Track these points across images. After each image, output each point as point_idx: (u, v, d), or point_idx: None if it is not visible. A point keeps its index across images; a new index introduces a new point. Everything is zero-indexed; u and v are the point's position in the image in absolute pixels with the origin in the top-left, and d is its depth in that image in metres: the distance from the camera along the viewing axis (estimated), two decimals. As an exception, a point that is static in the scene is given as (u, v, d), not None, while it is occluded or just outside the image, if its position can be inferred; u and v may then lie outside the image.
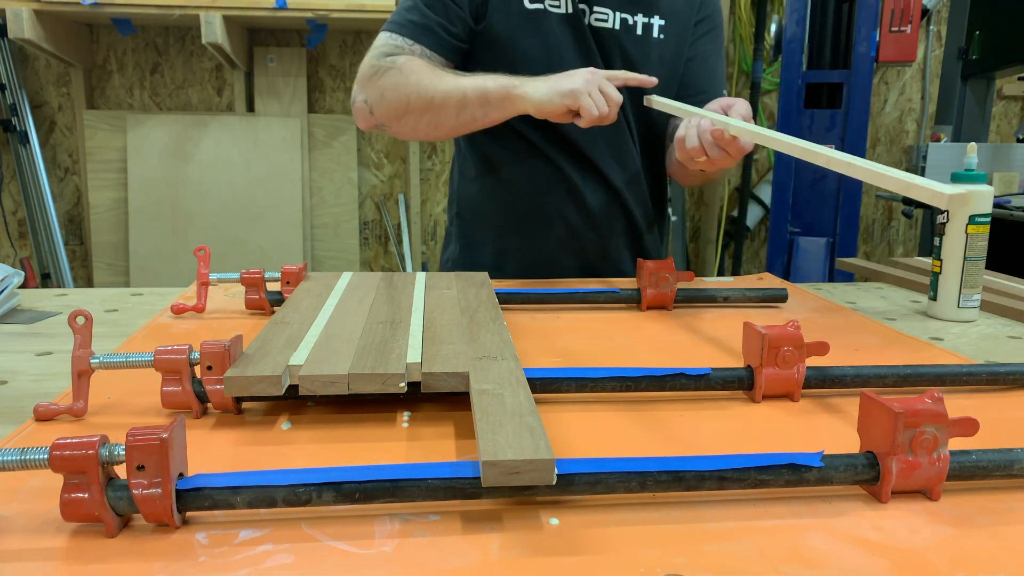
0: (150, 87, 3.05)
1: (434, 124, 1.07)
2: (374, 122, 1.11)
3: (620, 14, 1.16)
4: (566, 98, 0.98)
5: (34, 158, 2.90)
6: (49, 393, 0.69)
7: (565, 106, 0.98)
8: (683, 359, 0.81)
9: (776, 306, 1.06)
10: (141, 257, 2.94)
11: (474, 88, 1.03)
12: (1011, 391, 0.73)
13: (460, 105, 1.04)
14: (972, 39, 2.79)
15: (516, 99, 1.01)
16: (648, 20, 1.18)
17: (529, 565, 0.43)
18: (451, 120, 1.06)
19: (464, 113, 1.05)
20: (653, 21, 1.18)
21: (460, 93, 1.03)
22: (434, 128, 1.08)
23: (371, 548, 0.45)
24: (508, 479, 0.45)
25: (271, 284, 0.98)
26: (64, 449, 0.44)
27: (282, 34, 3.04)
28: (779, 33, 3.21)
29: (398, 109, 1.07)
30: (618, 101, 1.01)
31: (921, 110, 3.43)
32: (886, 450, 0.50)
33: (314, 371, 0.61)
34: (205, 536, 0.45)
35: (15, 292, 1.00)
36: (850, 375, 0.70)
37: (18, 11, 2.51)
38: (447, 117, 1.06)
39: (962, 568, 0.43)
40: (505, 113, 1.04)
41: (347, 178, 3.08)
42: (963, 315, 1.01)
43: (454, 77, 1.06)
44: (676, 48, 1.21)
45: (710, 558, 0.44)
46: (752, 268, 3.49)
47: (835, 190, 2.80)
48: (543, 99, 0.99)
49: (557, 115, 1.00)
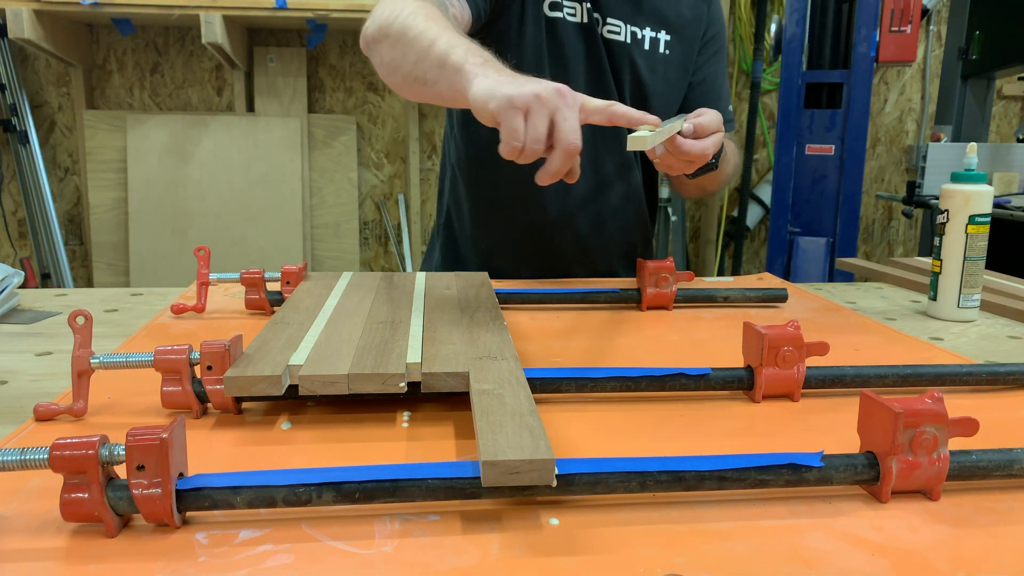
0: (150, 87, 3.05)
1: (394, 63, 0.89)
2: (364, 41, 0.96)
3: (630, 27, 1.14)
4: (492, 101, 0.71)
5: (34, 158, 2.90)
6: (49, 393, 0.69)
7: (490, 113, 0.71)
8: (683, 359, 0.81)
9: (776, 306, 1.06)
10: (141, 257, 2.94)
11: (445, 44, 0.82)
12: (1011, 391, 0.73)
13: (423, 52, 0.84)
14: (972, 39, 2.79)
15: (463, 78, 0.77)
16: (655, 35, 1.16)
17: (529, 565, 0.43)
18: (408, 65, 0.86)
19: (420, 64, 0.84)
20: (660, 36, 1.17)
21: (430, 40, 0.83)
22: (392, 69, 0.90)
23: (371, 548, 0.45)
24: (508, 479, 0.45)
25: (271, 284, 0.98)
26: (64, 449, 0.44)
27: (282, 34, 3.04)
28: (779, 33, 3.21)
29: (382, 28, 0.91)
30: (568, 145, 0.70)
31: (921, 110, 3.43)
32: (886, 450, 0.50)
33: (314, 371, 0.61)
34: (205, 536, 0.45)
35: (15, 292, 1.00)
36: (850, 375, 0.70)
37: (18, 11, 2.51)
38: (406, 59, 0.87)
39: (962, 568, 0.43)
40: (451, 89, 0.79)
41: (347, 178, 3.08)
42: (963, 315, 1.01)
43: (441, 26, 0.86)
44: (682, 66, 1.20)
45: (710, 558, 0.44)
46: (752, 268, 3.49)
47: (835, 190, 2.80)
48: (477, 94, 0.73)
49: (483, 121, 0.74)
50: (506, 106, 0.69)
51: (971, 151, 0.99)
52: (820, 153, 2.81)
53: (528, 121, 0.69)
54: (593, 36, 1.12)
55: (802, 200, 2.86)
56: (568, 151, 0.70)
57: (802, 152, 2.83)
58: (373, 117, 3.15)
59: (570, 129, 0.70)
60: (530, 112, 0.69)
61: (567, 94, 0.71)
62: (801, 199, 2.86)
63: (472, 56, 0.79)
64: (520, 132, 0.69)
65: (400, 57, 0.88)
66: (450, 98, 0.82)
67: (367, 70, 3.10)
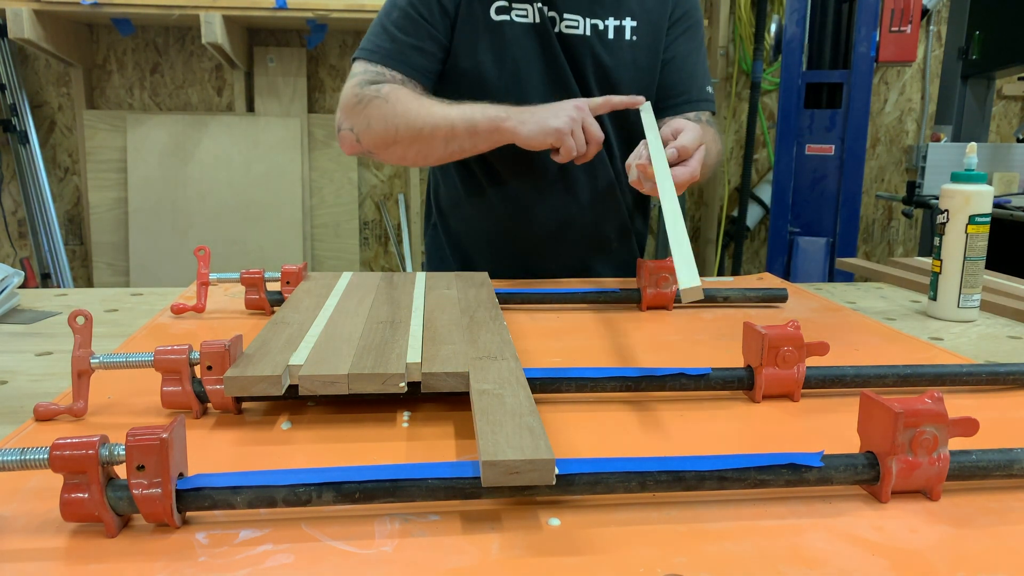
0: (150, 87, 3.05)
1: (422, 154, 1.08)
2: (361, 149, 1.11)
3: (590, 20, 1.15)
4: (549, 136, 0.99)
5: (34, 158, 2.90)
6: (49, 393, 0.69)
7: (548, 144, 1.00)
8: (683, 359, 0.80)
9: (776, 306, 1.06)
10: (141, 257, 2.94)
11: (462, 120, 1.03)
12: (1011, 391, 0.73)
13: (448, 136, 1.04)
14: (972, 39, 2.79)
15: (504, 132, 1.02)
16: (620, 23, 1.17)
17: (529, 565, 0.43)
18: (439, 151, 1.07)
19: (452, 144, 1.05)
20: (625, 23, 1.17)
21: (448, 125, 1.04)
22: (422, 158, 1.09)
23: (371, 548, 0.45)
24: (508, 479, 0.45)
25: (271, 284, 0.98)
26: (64, 449, 0.44)
27: (282, 34, 3.04)
28: (779, 33, 3.21)
29: (385, 139, 1.07)
30: (599, 141, 1.02)
31: (921, 110, 3.43)
32: (886, 450, 0.50)
33: (314, 371, 0.61)
34: (205, 536, 0.45)
35: (15, 292, 1.00)
36: (850, 375, 0.70)
37: (18, 11, 2.51)
38: (435, 148, 1.06)
39: (962, 568, 0.43)
40: (493, 144, 1.05)
41: (347, 178, 3.08)
42: (963, 315, 1.01)
43: (442, 107, 1.05)
44: (651, 49, 1.20)
45: (710, 558, 0.44)
46: (752, 268, 3.49)
47: (835, 190, 2.80)
48: (530, 136, 1.00)
49: (541, 148, 1.02)
50: (559, 135, 0.99)
51: (971, 151, 0.98)
52: (820, 153, 2.81)
53: (575, 137, 1.00)
54: (547, 35, 1.13)
55: (802, 200, 2.86)
56: (598, 143, 1.03)
57: (802, 152, 2.83)
58: (373, 117, 3.14)
59: (596, 130, 1.03)
60: (573, 132, 1.00)
61: (582, 106, 1.03)
62: (801, 199, 2.86)
63: (492, 114, 1.03)
64: (574, 147, 1.00)
65: (426, 149, 1.07)
66: (489, 148, 1.07)
67: (367, 70, 3.10)
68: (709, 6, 3.31)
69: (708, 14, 3.30)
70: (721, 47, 3.29)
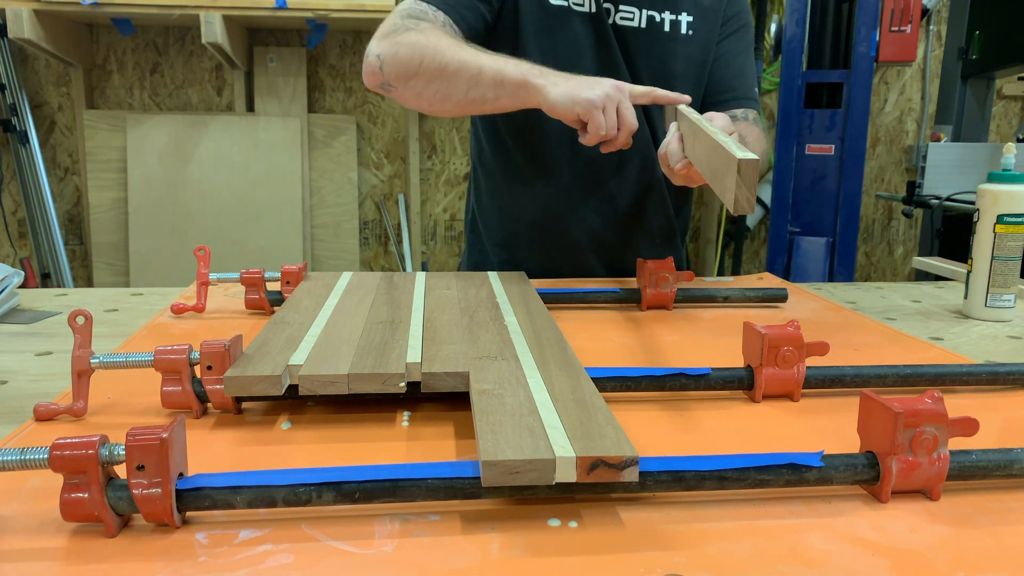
0: (150, 87, 3.05)
1: (441, 94, 1.00)
2: (381, 79, 1.03)
3: (647, 11, 1.14)
4: (578, 106, 0.92)
5: (34, 158, 2.90)
6: (49, 393, 0.69)
7: (576, 114, 0.93)
8: (683, 359, 0.81)
9: (776, 306, 1.06)
10: (141, 257, 2.94)
11: (492, 66, 0.96)
12: (1011, 391, 0.73)
13: (473, 79, 0.97)
14: (972, 39, 2.79)
15: (532, 90, 0.95)
16: (676, 17, 1.16)
17: (529, 565, 0.43)
18: (459, 93, 0.98)
19: (475, 90, 0.97)
20: (681, 18, 1.16)
21: (477, 67, 0.96)
22: (440, 99, 1.01)
23: (371, 548, 0.45)
24: (508, 479, 0.45)
25: (271, 284, 0.98)
26: (64, 449, 0.44)
27: (282, 34, 3.04)
28: (779, 33, 3.21)
29: (409, 68, 0.99)
30: (631, 128, 0.95)
31: (921, 110, 3.43)
32: (886, 450, 0.50)
33: (314, 371, 0.61)
34: (205, 536, 0.45)
35: (15, 292, 1.00)
36: (850, 375, 0.70)
37: (18, 11, 2.51)
38: (456, 89, 0.98)
39: (962, 568, 0.43)
40: (517, 101, 0.98)
41: (347, 178, 3.08)
42: (992, 314, 1.01)
43: (475, 51, 0.99)
44: (705, 45, 1.19)
45: (710, 558, 0.44)
46: (752, 268, 3.49)
47: (835, 190, 2.80)
48: (557, 100, 0.93)
49: (566, 119, 0.95)
50: (590, 108, 0.92)
51: (1007, 151, 0.99)
52: (820, 153, 2.81)
53: (606, 115, 0.93)
54: (602, 25, 1.12)
55: (802, 200, 2.86)
56: (631, 130, 0.96)
57: (802, 152, 2.83)
58: (373, 117, 3.15)
59: (631, 114, 0.96)
60: (605, 109, 0.93)
61: (623, 87, 0.95)
62: (801, 199, 2.86)
63: (526, 69, 0.96)
64: (603, 125, 0.93)
65: (447, 88, 0.99)
66: (511, 106, 1.00)
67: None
68: (709, 6, 3.31)
69: (708, 14, 3.29)
70: (721, 47, 3.29)
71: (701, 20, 1.18)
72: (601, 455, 0.46)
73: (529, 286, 0.95)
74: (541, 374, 0.61)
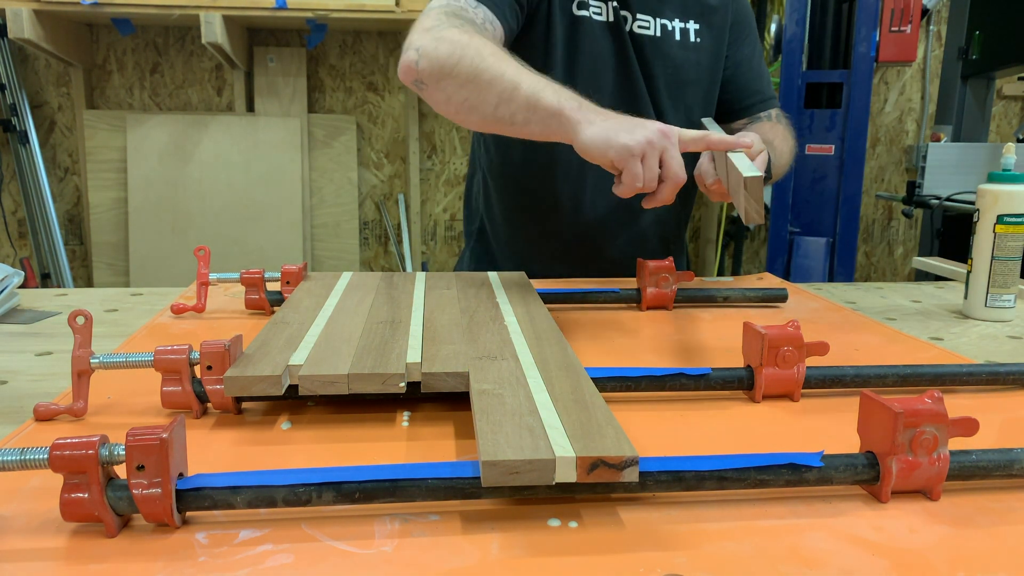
0: (150, 87, 3.05)
1: (469, 104, 0.91)
2: (415, 75, 0.94)
3: (660, 20, 1.15)
4: (612, 150, 0.80)
5: (34, 158, 2.90)
6: (49, 393, 0.69)
7: (610, 160, 0.81)
8: (683, 359, 0.81)
9: (776, 306, 1.06)
10: (141, 257, 2.94)
11: (531, 86, 0.86)
12: (1011, 391, 0.73)
13: (507, 95, 0.87)
14: (972, 39, 2.79)
15: (566, 123, 0.84)
16: (685, 25, 1.17)
17: (529, 565, 0.43)
18: (488, 107, 0.89)
19: (505, 107, 0.88)
20: (689, 26, 1.17)
21: (513, 82, 0.86)
22: (467, 109, 0.92)
23: (371, 548, 0.45)
24: (508, 479, 0.45)
25: (271, 284, 0.98)
26: (64, 449, 0.44)
27: (282, 34, 3.03)
28: (779, 33, 3.21)
29: (445, 66, 0.91)
30: (677, 181, 0.82)
31: (921, 110, 3.43)
32: (886, 450, 0.50)
33: (314, 371, 0.61)
34: (205, 536, 0.45)
35: (15, 292, 1.00)
36: (850, 375, 0.70)
37: (18, 11, 2.51)
38: (486, 101, 0.89)
39: (962, 568, 0.43)
40: (547, 131, 0.87)
41: (347, 178, 3.08)
42: (992, 314, 1.01)
43: (518, 64, 0.89)
44: (714, 52, 1.20)
45: (710, 558, 0.44)
46: (752, 268, 3.49)
47: (835, 190, 2.80)
48: (590, 141, 0.82)
49: (600, 164, 0.84)
50: (626, 155, 0.80)
51: (1007, 151, 0.99)
52: (820, 153, 2.81)
53: (645, 164, 0.81)
54: (620, 34, 1.13)
55: (802, 200, 2.86)
56: (677, 184, 0.82)
57: (802, 152, 2.83)
58: (373, 117, 3.15)
59: (678, 165, 0.82)
60: (645, 157, 0.80)
61: (670, 133, 0.82)
62: (801, 199, 2.86)
63: (566, 99, 0.85)
64: (640, 176, 0.81)
65: (475, 97, 0.90)
66: (540, 136, 0.88)
67: (367, 70, 3.10)
68: (709, 6, 3.31)
69: (708, 14, 3.29)
70: (721, 47, 3.29)
71: (707, 28, 1.19)
72: (601, 455, 0.46)
73: (530, 286, 0.95)
74: (541, 374, 0.61)
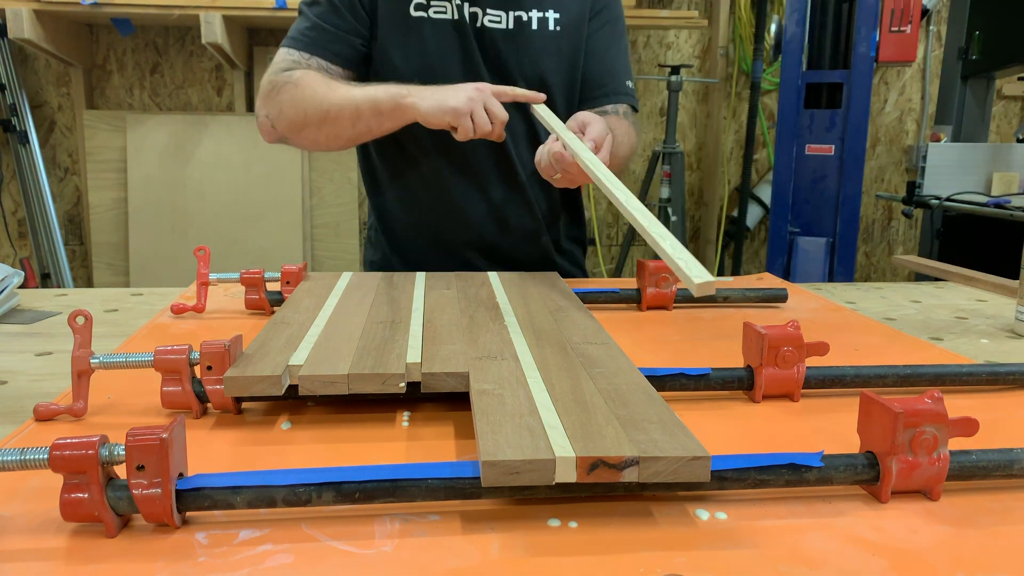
0: (150, 87, 3.05)
1: (332, 135, 1.09)
2: (277, 135, 1.13)
3: (514, 13, 1.15)
4: (446, 114, 1.00)
5: (34, 158, 2.90)
6: (49, 393, 0.69)
7: (446, 122, 1.01)
8: (683, 359, 0.80)
9: (776, 306, 1.06)
10: (141, 257, 2.94)
11: (365, 99, 1.04)
12: (1011, 391, 0.73)
13: (354, 116, 1.05)
14: (972, 39, 2.79)
15: (406, 108, 1.02)
16: (543, 14, 1.17)
17: (529, 565, 0.43)
18: (347, 131, 1.07)
19: (359, 124, 1.06)
20: (548, 15, 1.17)
21: (353, 105, 1.04)
22: (333, 139, 1.10)
23: (371, 548, 0.45)
24: (508, 479, 0.45)
25: (271, 284, 0.98)
26: (64, 449, 0.44)
27: (282, 34, 3.02)
28: (779, 33, 3.21)
29: (296, 123, 1.09)
30: (502, 119, 1.03)
31: (921, 110, 3.43)
32: (886, 450, 0.50)
33: (314, 371, 0.61)
34: (205, 536, 0.45)
35: (15, 292, 1.00)
36: (850, 375, 0.70)
37: (18, 11, 2.51)
38: (343, 128, 1.07)
39: (962, 568, 0.43)
40: (397, 122, 1.05)
41: (347, 178, 3.08)
42: None
43: (346, 88, 1.06)
44: (574, 41, 1.20)
45: (710, 558, 0.44)
46: (752, 268, 3.49)
47: (835, 190, 2.81)
48: (427, 112, 1.01)
49: (441, 127, 1.02)
50: (456, 115, 1.00)
51: None
52: (820, 153, 2.81)
53: (475, 116, 1.01)
54: (464, 31, 1.14)
55: (802, 200, 2.86)
56: (503, 121, 1.04)
57: (802, 152, 2.84)
58: (373, 117, 3.14)
59: (499, 108, 1.03)
60: (473, 111, 1.01)
61: (483, 87, 1.03)
62: (801, 199, 2.86)
63: (394, 92, 1.03)
64: (470, 128, 1.01)
65: (334, 132, 1.08)
66: (395, 127, 1.07)
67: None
68: (709, 6, 3.31)
69: (708, 14, 3.30)
70: (721, 47, 3.29)
71: (567, 16, 1.19)
72: (601, 455, 0.46)
73: (530, 287, 0.95)
74: (541, 374, 0.61)
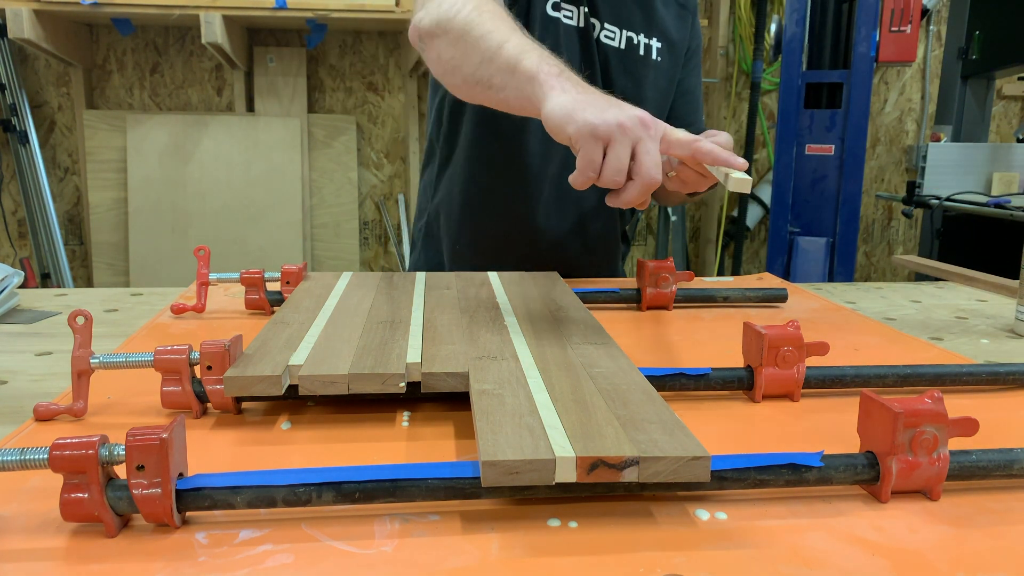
0: (150, 87, 3.05)
1: (455, 62, 0.86)
2: (418, 34, 0.91)
3: (626, 32, 1.14)
4: (572, 125, 0.69)
5: (34, 158, 2.90)
6: (49, 393, 0.69)
7: (567, 136, 0.70)
8: (683, 359, 0.81)
9: (776, 306, 1.06)
10: (141, 257, 2.94)
11: (515, 47, 0.78)
12: (1011, 391, 0.73)
13: (490, 54, 0.80)
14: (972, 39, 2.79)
15: (538, 88, 0.74)
16: (649, 41, 1.17)
17: (529, 565, 0.43)
18: (470, 66, 0.83)
19: (486, 67, 0.81)
20: (653, 43, 1.17)
21: (499, 42, 0.80)
22: (451, 68, 0.87)
23: (371, 548, 0.45)
24: (508, 479, 0.45)
25: (271, 284, 0.98)
26: (64, 449, 0.44)
27: (282, 34, 3.04)
28: (779, 33, 3.21)
29: (441, 22, 0.86)
30: (649, 181, 0.69)
31: (921, 110, 3.43)
32: (886, 450, 0.50)
33: (314, 371, 0.61)
34: (205, 536, 0.45)
35: (15, 292, 1.00)
36: (850, 375, 0.70)
37: (18, 11, 2.51)
38: (469, 60, 0.83)
39: (962, 568, 0.43)
40: (520, 98, 0.77)
41: (347, 178, 3.08)
42: None
43: (512, 24, 0.83)
44: (670, 73, 1.21)
45: (710, 558, 0.44)
46: (752, 268, 3.49)
47: (835, 190, 2.80)
48: (553, 111, 0.71)
49: (557, 139, 0.73)
50: (587, 135, 0.68)
51: None
52: (820, 153, 2.81)
53: (609, 152, 0.68)
54: (589, 40, 1.12)
55: (802, 200, 2.86)
56: (648, 186, 0.68)
57: (802, 152, 2.83)
58: (373, 117, 3.15)
59: (652, 164, 0.68)
60: (612, 143, 0.68)
61: (651, 124, 0.69)
62: (801, 199, 2.86)
63: (546, 64, 0.75)
64: (597, 164, 0.68)
65: (461, 56, 0.84)
66: (517, 107, 0.79)
67: (367, 70, 3.10)
68: (709, 6, 3.31)
69: (708, 14, 3.30)
70: (721, 47, 3.29)
71: (668, 48, 1.19)
72: (601, 455, 0.46)
73: (530, 287, 0.95)
74: (541, 374, 0.61)
